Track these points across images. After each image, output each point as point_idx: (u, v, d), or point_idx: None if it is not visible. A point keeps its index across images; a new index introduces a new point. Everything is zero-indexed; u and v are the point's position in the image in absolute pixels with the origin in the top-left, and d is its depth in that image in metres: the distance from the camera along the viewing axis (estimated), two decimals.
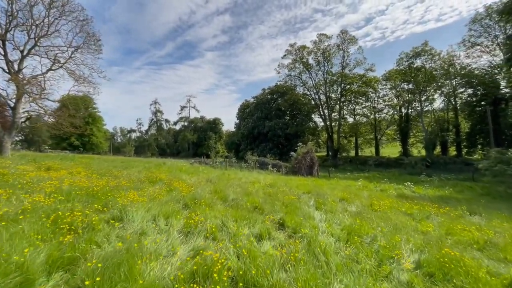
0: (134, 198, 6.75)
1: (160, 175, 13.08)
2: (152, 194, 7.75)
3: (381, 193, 15.02)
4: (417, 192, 17.25)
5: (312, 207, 8.34)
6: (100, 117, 77.67)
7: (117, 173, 12.51)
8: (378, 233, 5.35)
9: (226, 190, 10.03)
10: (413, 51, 40.64)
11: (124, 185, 8.80)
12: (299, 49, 50.67)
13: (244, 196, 8.99)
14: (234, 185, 12.37)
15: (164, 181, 11.31)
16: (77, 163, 17.53)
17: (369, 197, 12.41)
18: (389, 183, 20.31)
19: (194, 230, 4.77)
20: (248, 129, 57.32)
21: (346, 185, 18.73)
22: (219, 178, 14.90)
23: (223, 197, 8.60)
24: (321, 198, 9.94)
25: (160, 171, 16.08)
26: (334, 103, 51.45)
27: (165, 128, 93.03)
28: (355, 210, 8.23)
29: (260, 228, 5.16)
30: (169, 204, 6.75)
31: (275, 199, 8.97)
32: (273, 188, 13.21)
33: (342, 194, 12.12)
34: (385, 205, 9.54)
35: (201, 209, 6.45)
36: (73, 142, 69.87)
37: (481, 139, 39.13)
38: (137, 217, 5.03)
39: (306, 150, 28.74)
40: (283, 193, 10.90)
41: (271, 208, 7.32)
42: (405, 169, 37.86)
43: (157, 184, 10.56)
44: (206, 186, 11.26)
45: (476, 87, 39.84)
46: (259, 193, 10.56)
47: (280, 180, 16.95)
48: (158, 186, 10.12)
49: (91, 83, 24.25)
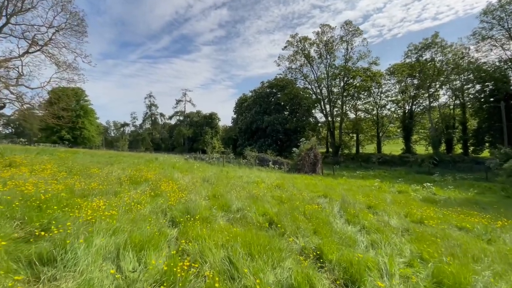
0: (99, 211, 4.69)
1: (148, 173, 10.98)
2: (129, 203, 5.68)
3: (403, 196, 13.11)
4: (438, 194, 15.38)
5: (342, 219, 6.35)
6: (92, 110, 74.55)
7: (95, 171, 10.38)
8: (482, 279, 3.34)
9: (228, 195, 8.00)
10: (422, 43, 38.61)
11: (94, 188, 6.70)
12: (300, 41, 48.31)
13: (252, 204, 6.97)
14: (235, 187, 10.35)
15: (151, 181, 9.22)
16: (53, 158, 15.31)
17: (395, 203, 10.49)
18: (403, 183, 18.45)
19: (184, 284, 2.73)
20: (246, 124, 55.06)
21: (358, 185, 16.83)
22: (217, 177, 12.85)
23: (225, 205, 6.57)
24: (345, 204, 7.96)
25: (149, 168, 13.97)
26: (336, 98, 49.40)
27: (160, 123, 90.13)
28: (398, 224, 6.26)
29: (292, 271, 3.14)
30: (150, 220, 4.70)
31: (292, 208, 6.97)
32: (281, 190, 11.22)
33: (365, 199, 10.17)
34: (428, 216, 7.59)
35: (195, 229, 4.41)
36: (63, 136, 66.98)
37: (490, 137, 37.54)
38: (85, 252, 2.97)
39: (310, 146, 26.78)
40: (297, 198, 8.91)
41: (292, 224, 5.31)
42: (410, 167, 36.22)
43: (140, 186, 8.47)
44: (202, 188, 9.20)
45: (485, 83, 38.15)
46: (267, 198, 8.56)
47: (286, 180, 14.96)
48: (142, 188, 8.04)
49: (75, 70, 21.86)
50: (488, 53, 37.32)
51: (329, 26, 46.16)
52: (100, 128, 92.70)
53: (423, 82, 39.88)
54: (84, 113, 70.40)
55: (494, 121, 36.05)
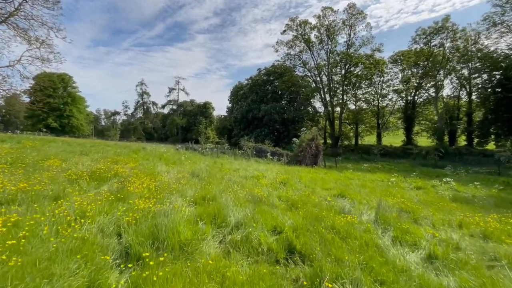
0: None
1: (122, 167, 8.86)
2: (69, 216, 3.57)
3: (427, 194, 11.26)
4: (461, 191, 13.57)
5: (388, 237, 4.36)
6: (81, 97, 70.90)
7: (54, 162, 8.19)
8: None
9: (222, 197, 5.94)
10: (432, 28, 36.16)
11: (25, 189, 4.56)
12: (300, 25, 45.38)
13: (256, 212, 4.93)
14: (232, 183, 8.30)
15: (122, 177, 7.10)
16: (17, 146, 13.01)
17: (427, 204, 8.61)
18: (418, 178, 16.63)
19: None
20: (242, 113, 52.51)
21: (369, 180, 14.90)
22: (210, 170, 10.78)
23: (218, 216, 4.52)
24: (381, 211, 5.99)
25: (130, 159, 11.81)
26: (337, 87, 47.08)
27: (152, 112, 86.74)
28: (470, 246, 4.30)
29: None
30: (85, 253, 2.62)
31: (312, 217, 4.95)
32: (288, 187, 9.21)
33: (391, 200, 8.23)
34: (494, 228, 5.63)
35: (162, 278, 2.36)
36: (50, 124, 63.60)
37: (496, 128, 35.96)
38: None
39: (311, 137, 24.75)
40: (311, 200, 6.91)
41: (324, 252, 3.28)
42: (414, 159, 34.61)
43: (105, 184, 6.36)
44: (188, 186, 7.12)
45: (492, 72, 36.30)
46: (274, 200, 6.54)
47: (289, 174, 12.97)
48: (106, 188, 5.94)
49: (50, 48, 19.29)
50: (498, 40, 35.36)
51: (332, 9, 43.40)
52: (90, 117, 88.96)
53: (431, 70, 37.71)
54: (72, 100, 66.91)
55: (502, 112, 34.39)
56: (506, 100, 33.05)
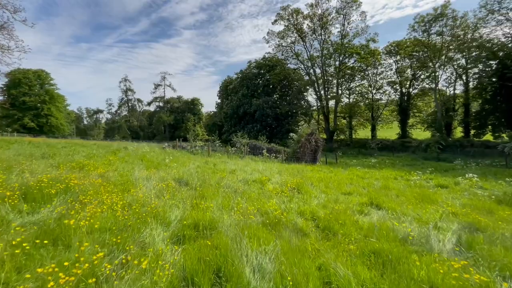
0: None
1: (85, 177, 6.65)
2: None
3: (463, 196, 9.52)
4: (486, 188, 11.98)
5: None
6: (60, 95, 66.44)
7: None
8: None
9: (223, 221, 3.88)
10: (431, 15, 34.65)
11: None
12: (292, 14, 43.15)
13: (284, 254, 2.91)
14: (231, 193, 6.25)
15: (75, 192, 4.91)
16: None
17: (477, 210, 6.81)
18: (435, 174, 15.01)
19: None
20: (233, 108, 50.05)
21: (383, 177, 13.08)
22: (201, 174, 8.67)
23: (225, 268, 2.46)
24: (459, 234, 4.09)
25: (103, 162, 9.54)
26: (331, 79, 45.31)
27: (138, 109, 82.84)
28: None
29: None
30: None
31: (378, 262, 2.98)
32: (303, 194, 7.25)
33: (435, 207, 6.39)
34: None
35: None
36: (26, 124, 59.21)
37: (493, 119, 35.17)
38: None
39: (310, 131, 22.93)
40: (343, 217, 4.95)
41: None
42: (413, 152, 33.41)
43: (45, 206, 4.17)
44: (173, 203, 5.01)
45: (488, 61, 35.42)
46: (297, 222, 4.54)
47: (295, 175, 11.02)
48: (39, 216, 3.77)
49: (10, 33, 16.63)
50: (495, 29, 34.37)
51: None
52: (71, 116, 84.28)
53: (429, 59, 36.43)
54: (49, 98, 62.55)
55: (500, 102, 33.59)
56: (505, 89, 32.21)
